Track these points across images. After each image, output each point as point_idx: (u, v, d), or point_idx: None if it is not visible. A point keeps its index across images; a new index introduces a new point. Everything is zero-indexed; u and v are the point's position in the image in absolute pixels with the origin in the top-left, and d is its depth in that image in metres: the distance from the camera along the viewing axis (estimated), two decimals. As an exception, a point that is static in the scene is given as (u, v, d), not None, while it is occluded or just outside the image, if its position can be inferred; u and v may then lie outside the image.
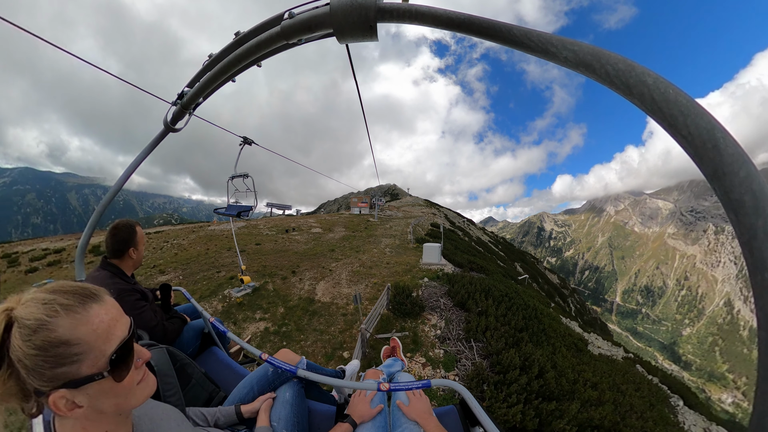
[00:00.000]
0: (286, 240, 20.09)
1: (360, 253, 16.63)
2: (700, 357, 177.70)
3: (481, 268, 14.24)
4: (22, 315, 0.54)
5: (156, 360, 1.34)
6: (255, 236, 20.98)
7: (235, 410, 1.30)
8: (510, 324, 6.85)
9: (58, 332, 0.53)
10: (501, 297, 8.27)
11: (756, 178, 0.35)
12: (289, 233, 22.62)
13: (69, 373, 0.54)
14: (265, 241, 19.21)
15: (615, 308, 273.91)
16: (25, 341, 0.52)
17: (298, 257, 15.45)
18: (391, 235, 23.56)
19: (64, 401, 0.56)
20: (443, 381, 1.38)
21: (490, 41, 0.60)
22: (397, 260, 14.47)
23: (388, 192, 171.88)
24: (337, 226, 28.13)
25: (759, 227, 0.34)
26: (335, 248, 17.99)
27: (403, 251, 16.94)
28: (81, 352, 0.55)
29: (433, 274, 11.32)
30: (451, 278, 10.13)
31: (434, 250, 13.35)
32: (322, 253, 16.47)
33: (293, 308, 9.73)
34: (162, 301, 2.11)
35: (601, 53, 0.46)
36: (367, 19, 0.67)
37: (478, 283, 9.18)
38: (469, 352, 6.17)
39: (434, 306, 8.15)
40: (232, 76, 1.20)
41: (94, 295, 0.60)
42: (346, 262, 14.63)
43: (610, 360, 8.72)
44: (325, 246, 18.69)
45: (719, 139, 0.37)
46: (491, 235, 68.66)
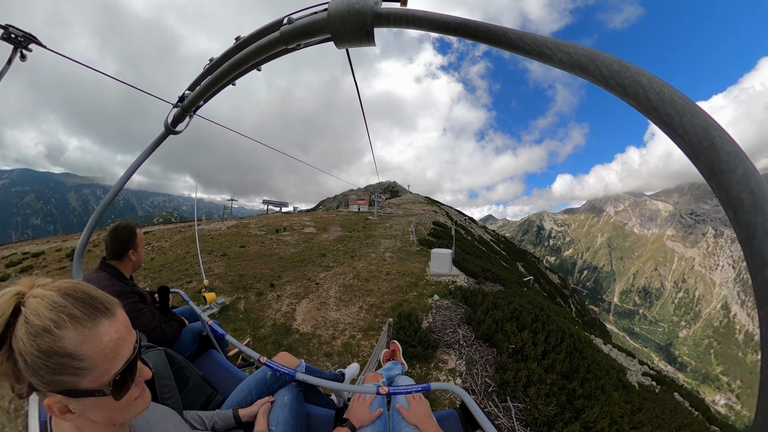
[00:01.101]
0: (274, 242, 17.78)
1: (355, 258, 14.35)
2: (695, 359, 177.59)
3: (497, 277, 12.26)
4: (30, 310, 0.53)
5: (154, 362, 1.33)
6: (242, 237, 18.93)
7: (232, 414, 1.29)
8: (555, 368, 5.27)
9: (64, 343, 0.52)
10: (533, 322, 6.73)
11: (754, 175, 0.35)
12: (280, 233, 20.71)
13: (69, 382, 0.54)
14: (251, 243, 17.05)
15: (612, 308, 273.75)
16: (28, 338, 0.51)
17: (283, 264, 13.15)
18: (391, 235, 21.12)
19: (58, 405, 0.55)
20: (443, 384, 1.37)
21: (487, 45, 0.61)
22: (399, 269, 12.21)
23: (388, 189, 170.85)
24: (333, 225, 25.73)
25: (758, 225, 0.34)
26: (327, 252, 15.62)
27: (406, 256, 14.74)
28: (85, 367, 0.54)
29: (444, 288, 9.35)
30: (466, 295, 8.37)
31: (444, 258, 11.35)
32: (311, 259, 14.15)
33: (263, 339, 7.43)
34: (160, 303, 2.10)
35: (596, 55, 0.46)
36: (364, 25, 0.67)
37: (503, 304, 7.38)
38: (504, 417, 4.26)
39: (450, 340, 6.28)
40: (233, 80, 1.21)
41: (106, 310, 0.58)
42: (337, 271, 12.20)
43: (650, 391, 7.30)
44: (316, 249, 16.28)
45: (715, 137, 0.37)
46: (492, 234, 66.64)
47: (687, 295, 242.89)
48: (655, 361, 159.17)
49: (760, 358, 0.35)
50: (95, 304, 0.58)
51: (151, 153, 1.65)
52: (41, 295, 0.54)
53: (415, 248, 16.56)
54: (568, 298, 44.62)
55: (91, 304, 0.57)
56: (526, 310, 7.41)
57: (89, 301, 0.57)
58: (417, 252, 15.55)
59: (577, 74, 0.50)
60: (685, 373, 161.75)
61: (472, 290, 8.80)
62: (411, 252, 15.61)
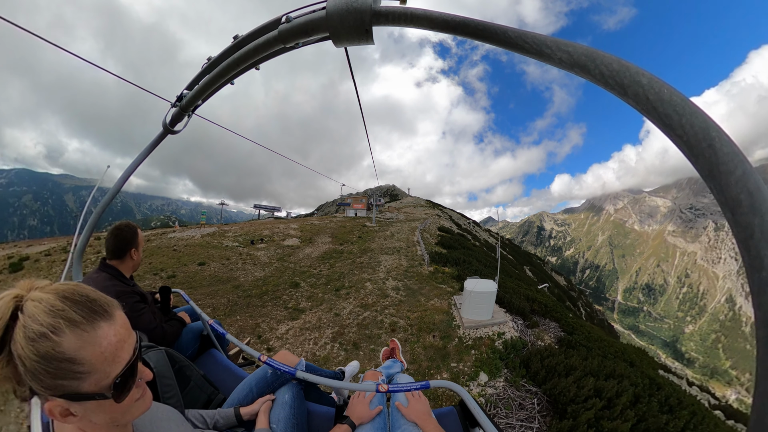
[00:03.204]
0: (242, 258, 13.92)
1: (342, 292, 9.55)
2: (703, 354, 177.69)
3: (546, 309, 8.71)
4: (29, 313, 0.52)
5: (155, 362, 1.33)
6: (209, 250, 15.22)
7: (234, 412, 1.30)
8: None
9: (62, 348, 0.51)
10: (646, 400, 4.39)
11: (752, 176, 0.35)
12: (255, 245, 17.08)
13: (69, 387, 0.53)
14: (214, 259, 13.40)
15: (616, 306, 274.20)
16: (27, 343, 0.51)
17: (237, 298, 9.05)
18: (393, 248, 16.48)
19: (59, 409, 0.55)
20: (442, 382, 1.37)
21: (486, 43, 0.60)
22: (411, 313, 7.84)
23: (387, 193, 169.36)
24: (323, 234, 21.01)
25: (756, 226, 0.34)
26: (303, 279, 10.85)
27: (418, 284, 10.08)
28: (85, 371, 0.53)
29: (493, 354, 5.61)
30: (530, 362, 5.14)
31: (486, 300, 6.80)
32: (276, 292, 9.66)
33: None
34: (161, 303, 2.11)
35: (595, 54, 0.46)
36: (362, 23, 0.67)
37: (594, 368, 4.79)
38: None
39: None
40: (231, 79, 1.20)
41: (105, 312, 0.58)
42: (309, 320, 7.72)
43: None
44: (290, 274, 11.64)
45: (714, 138, 0.37)
46: (497, 237, 66.04)
47: (691, 290, 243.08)
48: (662, 359, 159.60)
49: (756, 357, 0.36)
50: (94, 308, 0.57)
51: (150, 153, 1.64)
52: (39, 298, 0.54)
53: (427, 268, 12.02)
54: (576, 301, 44.17)
55: (90, 307, 0.56)
56: (630, 379, 4.80)
57: (88, 304, 0.57)
58: (431, 276, 10.87)
59: (576, 73, 0.49)
60: (693, 369, 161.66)
61: (540, 353, 5.39)
62: (423, 276, 10.88)
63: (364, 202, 47.18)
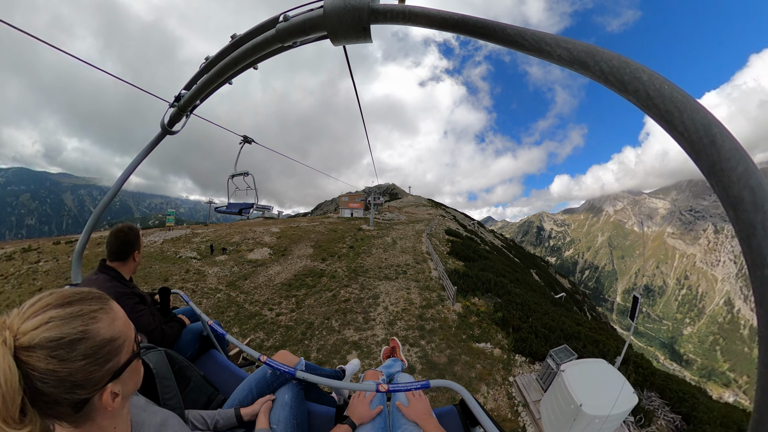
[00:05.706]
0: (183, 279, 11.28)
1: None
2: (701, 356, 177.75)
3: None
4: (50, 336, 0.50)
5: (155, 363, 1.33)
6: (158, 262, 13.02)
7: (234, 413, 1.29)
8: None
9: (101, 333, 0.57)
10: None
11: (754, 173, 0.35)
12: (215, 256, 13.85)
13: (115, 365, 0.59)
14: (152, 278, 11.42)
15: (615, 307, 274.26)
16: (63, 359, 0.51)
17: None
18: (397, 266, 11.95)
19: (112, 394, 0.59)
20: (442, 381, 1.37)
21: (486, 41, 0.60)
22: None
23: (387, 191, 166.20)
24: (304, 242, 16.57)
25: (758, 223, 0.33)
26: (247, 329, 7.77)
27: (445, 344, 6.40)
28: (121, 342, 0.60)
29: None
30: None
31: (609, 427, 3.70)
32: None
33: None
34: (161, 304, 2.11)
35: (595, 50, 0.46)
36: (360, 21, 0.66)
37: None
38: None
39: None
40: (229, 79, 1.20)
41: (101, 294, 0.64)
42: None
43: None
44: (232, 314, 8.76)
45: (716, 134, 0.36)
46: (502, 238, 58.94)
47: (690, 291, 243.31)
48: (660, 360, 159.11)
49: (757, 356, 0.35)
50: (96, 294, 0.62)
51: (148, 153, 1.64)
52: (42, 322, 0.51)
53: (451, 307, 7.69)
54: (582, 305, 43.54)
55: (94, 295, 0.61)
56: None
57: (89, 294, 0.61)
58: (461, 322, 6.80)
59: (576, 70, 0.49)
60: (692, 370, 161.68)
61: None
62: (449, 326, 6.79)
63: (360, 201, 40.06)
